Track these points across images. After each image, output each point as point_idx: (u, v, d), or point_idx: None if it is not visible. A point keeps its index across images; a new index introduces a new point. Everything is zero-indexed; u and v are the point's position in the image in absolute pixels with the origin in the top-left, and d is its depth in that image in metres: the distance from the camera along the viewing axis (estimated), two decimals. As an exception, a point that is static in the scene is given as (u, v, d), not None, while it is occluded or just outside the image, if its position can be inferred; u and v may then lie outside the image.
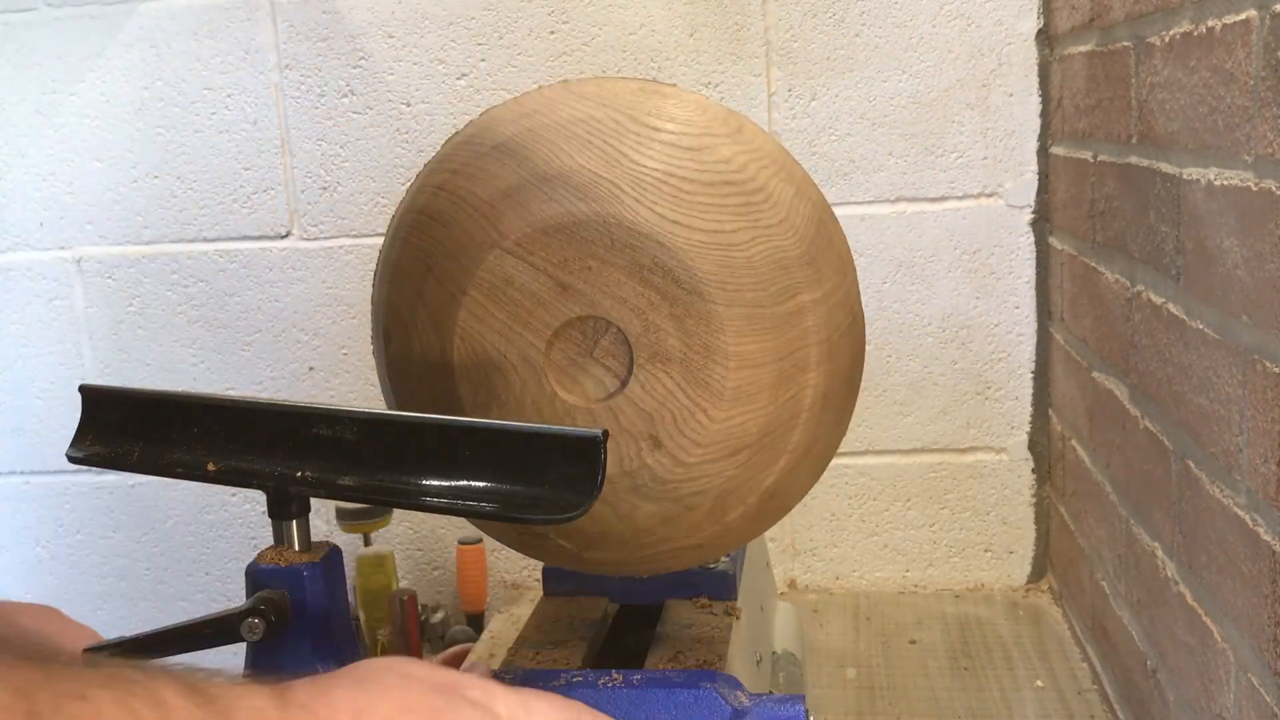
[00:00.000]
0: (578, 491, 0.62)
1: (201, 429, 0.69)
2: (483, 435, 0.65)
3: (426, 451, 0.65)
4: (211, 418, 0.70)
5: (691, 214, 0.71)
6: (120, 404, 0.72)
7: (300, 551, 0.69)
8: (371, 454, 0.66)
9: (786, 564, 1.67)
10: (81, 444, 0.72)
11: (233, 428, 0.69)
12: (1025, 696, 1.31)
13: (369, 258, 1.66)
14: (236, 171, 1.69)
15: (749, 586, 0.96)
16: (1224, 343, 0.87)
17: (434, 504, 0.65)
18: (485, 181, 0.74)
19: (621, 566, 0.81)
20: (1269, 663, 0.79)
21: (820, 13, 1.55)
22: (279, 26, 1.65)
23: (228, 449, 0.69)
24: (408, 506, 0.67)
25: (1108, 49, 1.20)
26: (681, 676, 0.69)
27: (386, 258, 0.79)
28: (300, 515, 0.69)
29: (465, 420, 0.67)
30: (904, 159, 1.56)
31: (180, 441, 0.70)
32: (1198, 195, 0.92)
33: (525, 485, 0.63)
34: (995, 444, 1.61)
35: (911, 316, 1.59)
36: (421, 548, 1.74)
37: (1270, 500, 0.78)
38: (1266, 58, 0.77)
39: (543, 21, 1.60)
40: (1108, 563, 1.25)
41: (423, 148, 1.64)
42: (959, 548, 1.64)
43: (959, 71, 1.54)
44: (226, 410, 0.70)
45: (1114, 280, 1.19)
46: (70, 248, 1.74)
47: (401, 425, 0.67)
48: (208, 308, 1.72)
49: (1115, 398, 1.19)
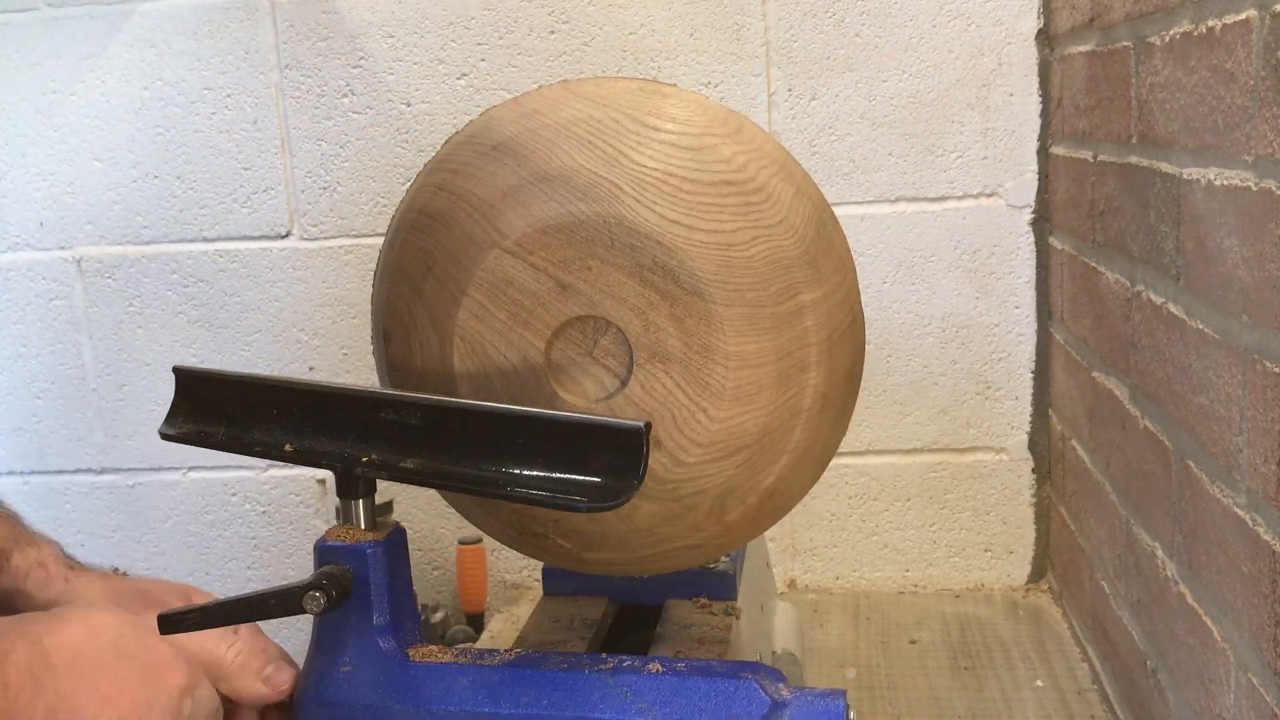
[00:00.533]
0: (620, 480, 0.64)
1: (281, 411, 0.72)
2: (535, 424, 0.67)
3: (483, 438, 0.67)
4: (290, 400, 0.72)
5: (691, 214, 0.71)
6: (209, 385, 0.75)
7: (366, 529, 0.72)
8: (432, 439, 0.68)
9: (786, 564, 1.67)
10: (174, 423, 0.74)
11: (308, 410, 0.72)
12: (1025, 696, 1.31)
13: (369, 258, 1.66)
14: (236, 171, 1.69)
15: (749, 586, 0.96)
16: (1224, 343, 0.87)
17: (487, 490, 0.68)
18: (485, 181, 0.74)
19: (621, 566, 0.81)
20: (1269, 663, 0.79)
21: (820, 13, 1.55)
22: (279, 26, 1.65)
23: (303, 430, 0.72)
24: (462, 490, 0.69)
25: (1108, 49, 1.20)
26: (724, 666, 0.69)
27: (387, 257, 0.79)
28: (366, 495, 0.72)
29: (519, 409, 0.68)
30: (904, 159, 1.56)
31: (261, 422, 0.73)
32: (1198, 195, 0.92)
33: (571, 473, 0.65)
34: (995, 444, 1.61)
35: (911, 316, 1.59)
36: (421, 548, 1.74)
37: (1270, 500, 0.78)
38: (1266, 58, 0.77)
39: (543, 21, 1.60)
40: (1108, 563, 1.25)
41: (423, 148, 1.64)
42: (959, 547, 1.64)
43: (959, 71, 1.54)
44: (304, 393, 0.73)
45: (1114, 280, 1.19)
46: (70, 248, 1.74)
47: (462, 412, 0.69)
48: (208, 308, 1.72)
49: (1115, 398, 1.19)
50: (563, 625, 0.87)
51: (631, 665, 0.69)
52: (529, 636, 0.86)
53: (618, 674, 0.68)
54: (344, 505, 0.72)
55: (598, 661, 0.69)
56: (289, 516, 1.74)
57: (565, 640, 0.84)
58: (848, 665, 1.43)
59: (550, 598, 0.93)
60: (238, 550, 1.76)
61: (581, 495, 0.64)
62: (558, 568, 0.91)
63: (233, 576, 1.76)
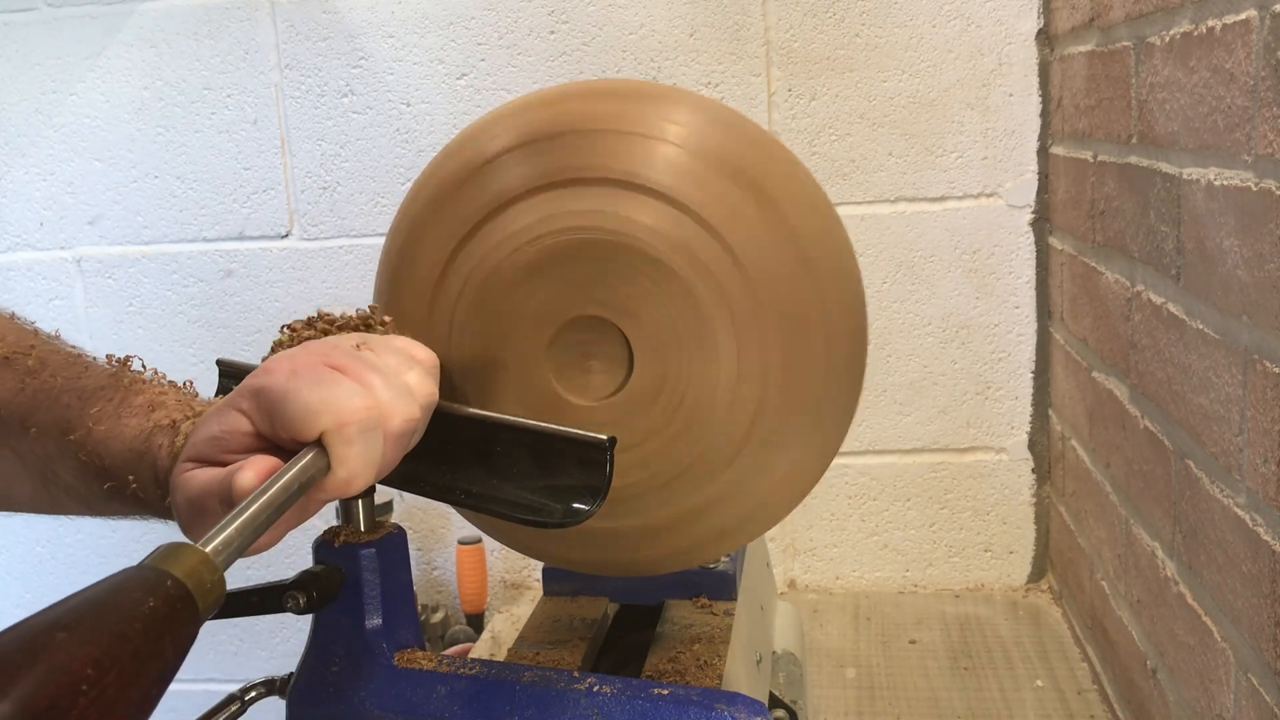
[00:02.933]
0: (584, 497, 0.63)
1: None
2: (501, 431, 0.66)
3: (450, 444, 0.67)
4: None
5: (694, 217, 0.71)
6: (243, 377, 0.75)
7: (364, 531, 0.71)
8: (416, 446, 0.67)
9: (786, 564, 1.67)
10: None
11: None
12: (1025, 696, 1.31)
13: (369, 258, 1.66)
14: (236, 171, 1.69)
15: (749, 586, 0.96)
16: (1224, 343, 0.87)
17: (449, 498, 0.67)
18: (486, 182, 0.74)
19: (621, 567, 0.81)
20: (1269, 663, 0.79)
21: (820, 13, 1.55)
22: (279, 26, 1.65)
23: None
24: (422, 494, 0.69)
25: (1108, 49, 1.20)
26: (701, 695, 0.67)
27: (387, 258, 0.79)
28: (365, 495, 0.71)
29: (482, 414, 0.68)
30: (904, 159, 1.56)
31: None
32: (1198, 195, 0.92)
33: (538, 485, 0.65)
34: (995, 444, 1.61)
35: (911, 316, 1.59)
36: (421, 548, 1.74)
37: (1270, 500, 0.78)
38: (1266, 58, 0.77)
39: (543, 21, 1.60)
40: (1108, 563, 1.25)
41: (423, 148, 1.64)
42: (959, 548, 1.64)
43: (959, 71, 1.54)
44: None
45: (1114, 280, 1.19)
46: (70, 248, 1.74)
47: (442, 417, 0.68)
48: (208, 308, 1.72)
49: (1115, 398, 1.19)
50: (563, 625, 0.87)
51: (607, 688, 0.68)
52: (529, 636, 0.86)
53: (591, 696, 0.67)
54: (344, 505, 0.72)
55: (575, 679, 0.69)
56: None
57: (565, 640, 0.84)
58: (848, 665, 1.43)
59: (550, 598, 0.92)
60: (238, 550, 1.75)
61: (542, 512, 0.64)
62: (558, 568, 0.91)
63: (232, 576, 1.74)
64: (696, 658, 0.80)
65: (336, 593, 0.69)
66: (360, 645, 0.70)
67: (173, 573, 0.45)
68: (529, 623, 0.89)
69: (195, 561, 0.46)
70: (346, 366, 0.59)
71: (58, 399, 0.68)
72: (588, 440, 0.63)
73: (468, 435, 0.67)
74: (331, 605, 0.70)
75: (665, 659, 0.80)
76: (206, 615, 0.46)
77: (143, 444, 0.66)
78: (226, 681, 1.77)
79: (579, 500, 0.63)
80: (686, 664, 0.79)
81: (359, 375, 0.59)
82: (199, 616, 0.45)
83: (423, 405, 0.62)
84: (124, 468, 0.66)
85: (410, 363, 0.63)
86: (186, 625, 0.45)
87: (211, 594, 0.46)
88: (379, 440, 0.58)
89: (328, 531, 0.72)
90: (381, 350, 0.63)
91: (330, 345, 0.62)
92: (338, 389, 0.57)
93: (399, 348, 0.64)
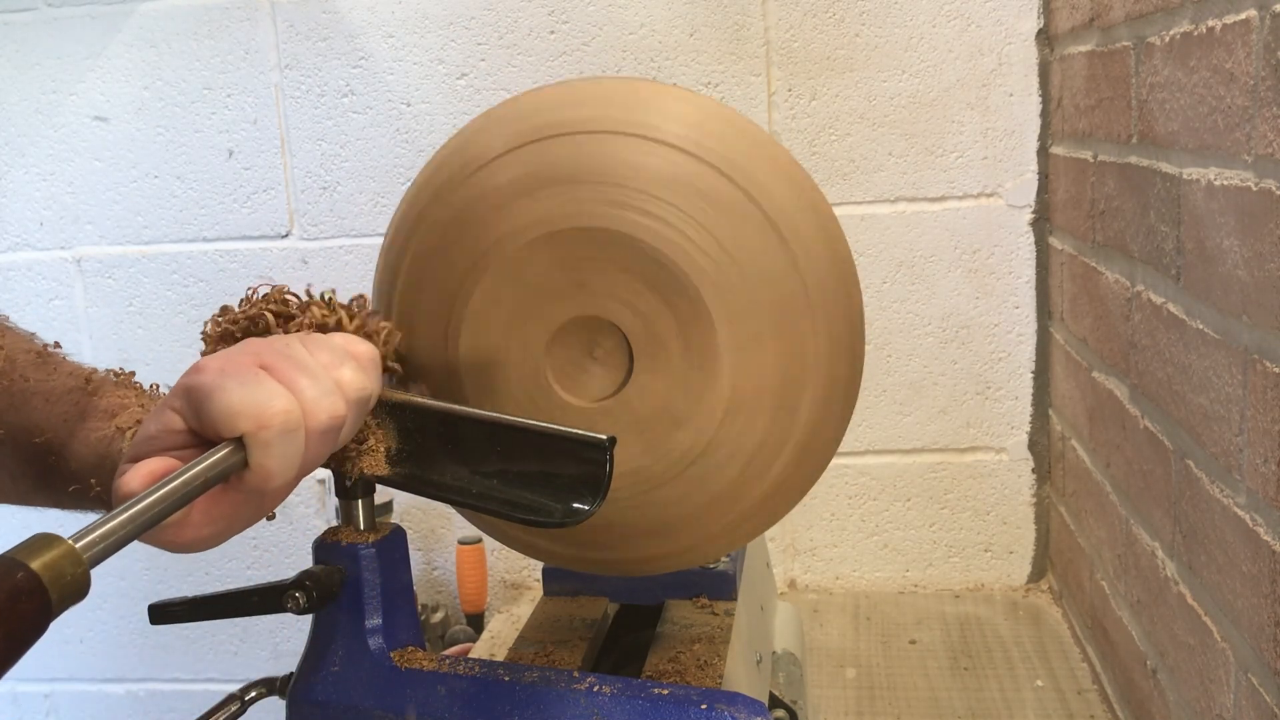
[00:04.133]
0: (582, 497, 0.63)
1: None
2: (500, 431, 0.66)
3: (451, 443, 0.67)
4: None
5: (693, 218, 0.71)
6: None
7: (363, 531, 0.72)
8: (414, 446, 0.68)
9: (786, 564, 1.67)
10: None
11: None
12: (1025, 696, 1.31)
13: (369, 258, 1.66)
14: (236, 171, 1.69)
15: (749, 586, 0.96)
16: (1224, 343, 0.87)
17: (452, 499, 0.67)
18: (486, 182, 0.74)
19: (621, 566, 0.81)
20: (1269, 663, 0.79)
21: (820, 12, 1.55)
22: (279, 26, 1.65)
23: None
24: (437, 499, 0.69)
25: (1108, 49, 1.20)
26: (701, 695, 0.68)
27: (388, 257, 0.79)
28: (365, 495, 0.71)
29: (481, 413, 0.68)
30: (904, 159, 1.56)
31: None
32: (1198, 195, 0.92)
33: (535, 485, 0.65)
34: (995, 444, 1.61)
35: (911, 316, 1.59)
36: (421, 548, 1.74)
37: (1270, 500, 0.78)
38: (1266, 58, 0.77)
39: (543, 21, 1.60)
40: (1108, 563, 1.25)
41: (423, 148, 1.64)
42: (959, 547, 1.64)
43: (959, 71, 1.54)
44: None
45: (1114, 280, 1.19)
46: (70, 248, 1.74)
47: (424, 412, 0.68)
48: (208, 308, 1.71)
49: (1115, 398, 1.19)
50: (563, 625, 0.87)
51: (607, 688, 0.68)
52: (529, 636, 0.86)
53: (591, 696, 0.67)
54: (343, 506, 0.72)
55: (575, 679, 0.69)
56: (289, 516, 1.74)
57: (565, 640, 0.84)
58: (848, 665, 1.43)
59: (550, 598, 0.92)
60: (238, 550, 1.75)
61: (540, 512, 0.64)
62: (558, 568, 0.91)
63: (233, 576, 1.75)
64: (696, 658, 0.80)
65: (336, 593, 0.70)
66: (360, 645, 0.70)
67: (28, 564, 0.45)
68: (529, 623, 0.89)
69: (58, 554, 0.47)
70: (274, 366, 0.60)
71: (27, 400, 0.69)
72: (587, 440, 0.63)
73: (468, 435, 0.67)
74: (331, 605, 0.70)
75: (665, 659, 0.80)
76: (63, 608, 0.47)
77: (104, 448, 0.67)
78: (226, 681, 1.77)
79: (579, 500, 0.63)
80: (687, 664, 0.79)
81: (285, 375, 0.59)
82: (51, 609, 0.46)
83: (353, 401, 0.62)
84: (87, 472, 0.68)
85: (344, 358, 0.63)
86: (31, 617, 0.45)
87: (71, 586, 0.47)
88: (300, 440, 0.58)
89: (328, 531, 0.72)
90: (316, 348, 0.63)
91: (265, 344, 0.63)
92: (260, 390, 0.58)
93: (336, 345, 0.64)
